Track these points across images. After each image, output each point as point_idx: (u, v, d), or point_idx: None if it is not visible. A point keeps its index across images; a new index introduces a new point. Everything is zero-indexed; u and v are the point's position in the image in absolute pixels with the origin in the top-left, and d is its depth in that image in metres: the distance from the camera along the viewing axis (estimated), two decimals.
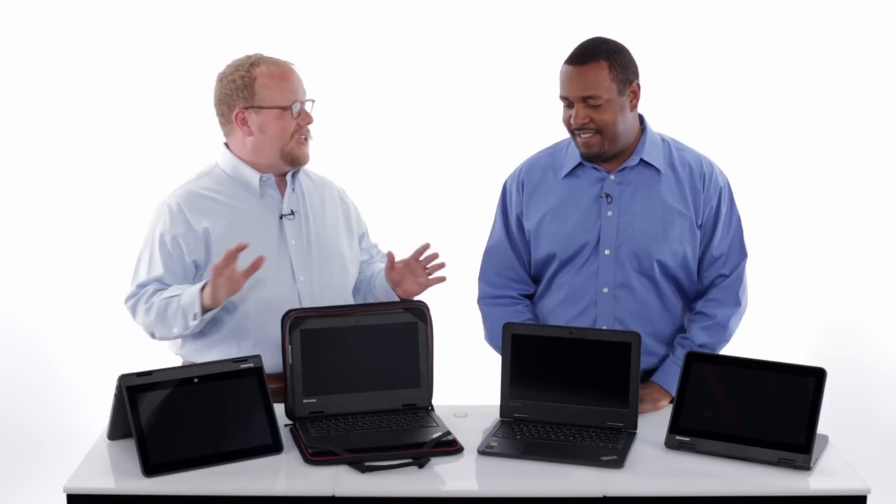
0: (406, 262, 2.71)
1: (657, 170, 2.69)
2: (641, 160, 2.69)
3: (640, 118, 2.73)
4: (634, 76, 2.64)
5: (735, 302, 2.72)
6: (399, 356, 2.50)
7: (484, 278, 2.85)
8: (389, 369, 2.50)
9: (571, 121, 2.63)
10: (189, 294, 2.56)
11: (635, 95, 2.64)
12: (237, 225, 2.67)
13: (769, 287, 4.03)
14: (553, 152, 2.80)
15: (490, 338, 2.83)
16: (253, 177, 2.70)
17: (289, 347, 2.43)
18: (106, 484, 2.21)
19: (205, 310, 2.54)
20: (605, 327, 2.70)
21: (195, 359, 2.68)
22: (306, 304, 2.68)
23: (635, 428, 2.41)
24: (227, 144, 2.75)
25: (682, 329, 2.77)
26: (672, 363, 2.69)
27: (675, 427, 2.34)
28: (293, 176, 2.76)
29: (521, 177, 2.80)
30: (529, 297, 2.84)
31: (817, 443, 2.26)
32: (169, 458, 2.21)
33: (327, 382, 2.47)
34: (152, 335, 2.68)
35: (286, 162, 2.70)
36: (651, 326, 2.69)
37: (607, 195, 2.68)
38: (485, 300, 2.84)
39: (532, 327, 2.57)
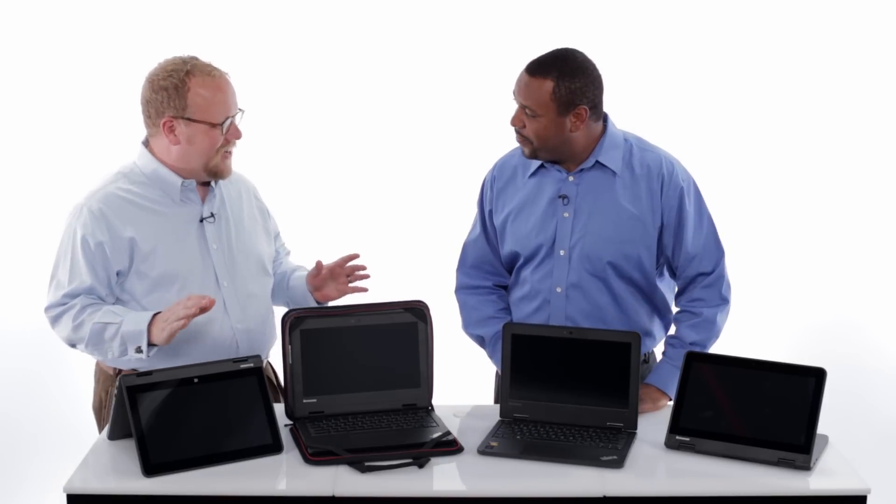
0: (330, 268, 2.74)
1: (614, 172, 2.69)
2: (597, 162, 2.68)
3: (605, 118, 2.72)
4: (584, 100, 2.59)
5: (720, 299, 2.71)
6: (399, 356, 2.50)
7: (461, 269, 2.89)
8: (389, 369, 2.50)
9: (510, 122, 2.67)
10: (133, 323, 2.49)
11: (580, 118, 2.60)
12: (161, 232, 2.60)
13: (769, 286, 4.04)
14: None
15: (466, 326, 2.88)
16: (174, 181, 2.61)
17: (289, 347, 2.43)
18: (106, 484, 2.21)
19: (151, 345, 2.49)
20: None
21: (118, 366, 2.62)
22: (231, 311, 2.65)
23: (635, 428, 2.41)
24: (146, 144, 2.65)
25: (645, 332, 2.77)
26: (665, 363, 2.69)
27: (675, 427, 2.34)
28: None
29: (494, 173, 2.84)
30: (505, 287, 2.88)
31: (817, 443, 2.26)
32: (169, 458, 2.21)
33: (327, 382, 2.46)
34: (73, 346, 2.61)
35: (208, 175, 2.63)
36: (604, 327, 2.70)
37: (564, 196, 2.70)
38: (461, 290, 2.89)
39: (532, 327, 2.58)
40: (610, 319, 2.71)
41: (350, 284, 2.76)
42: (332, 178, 4.07)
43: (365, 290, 2.75)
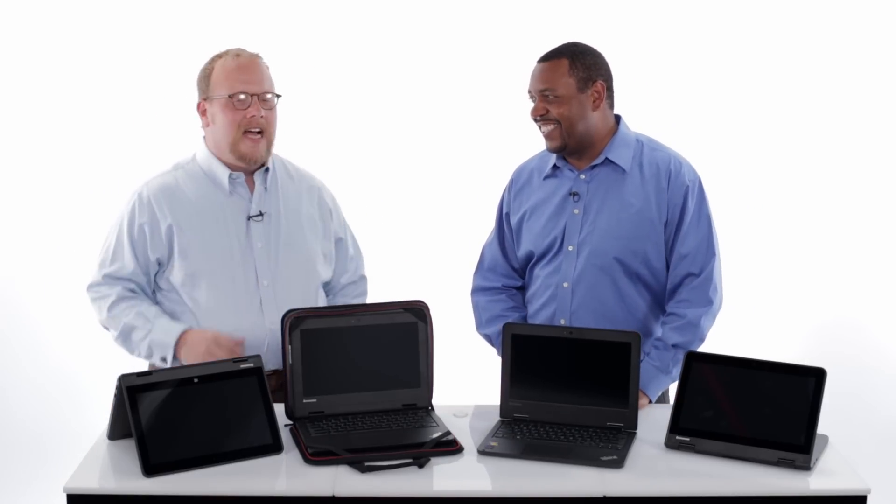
0: None
1: (624, 169, 2.73)
2: (607, 159, 2.74)
3: (618, 119, 2.79)
4: (599, 76, 2.70)
5: (706, 301, 2.72)
6: (399, 356, 2.50)
7: (478, 272, 2.96)
8: (389, 369, 2.50)
9: (532, 113, 2.73)
10: (162, 333, 2.59)
11: (599, 95, 2.70)
12: (205, 227, 2.65)
13: (769, 285, 4.04)
14: (543, 156, 2.88)
15: (477, 327, 2.93)
16: (223, 174, 2.67)
17: (289, 347, 2.43)
18: (106, 484, 2.21)
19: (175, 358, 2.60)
20: (562, 321, 2.76)
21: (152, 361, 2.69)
22: (267, 311, 2.68)
23: (635, 428, 2.41)
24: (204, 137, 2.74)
25: (647, 330, 2.78)
26: (646, 364, 2.69)
27: (675, 427, 2.34)
28: (265, 173, 2.73)
29: (512, 178, 2.92)
30: (519, 288, 2.93)
31: (817, 443, 2.26)
32: (169, 458, 2.21)
33: (327, 382, 2.46)
34: (106, 329, 2.72)
35: (236, 157, 2.66)
36: (608, 323, 2.72)
37: (574, 194, 2.75)
38: (475, 292, 2.95)
39: (532, 327, 2.58)
40: (612, 315, 2.73)
41: None
42: (333, 178, 4.06)
43: None
